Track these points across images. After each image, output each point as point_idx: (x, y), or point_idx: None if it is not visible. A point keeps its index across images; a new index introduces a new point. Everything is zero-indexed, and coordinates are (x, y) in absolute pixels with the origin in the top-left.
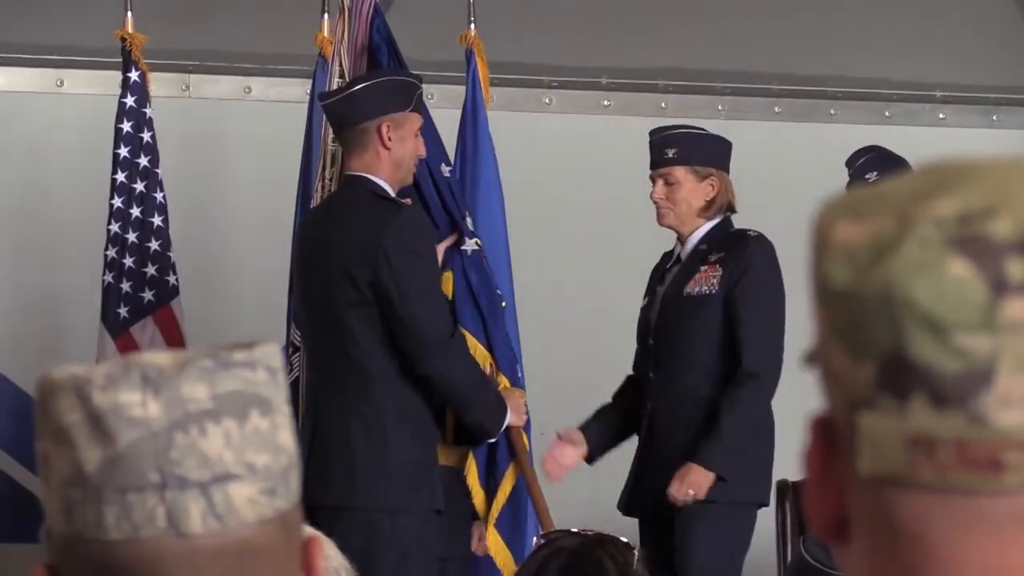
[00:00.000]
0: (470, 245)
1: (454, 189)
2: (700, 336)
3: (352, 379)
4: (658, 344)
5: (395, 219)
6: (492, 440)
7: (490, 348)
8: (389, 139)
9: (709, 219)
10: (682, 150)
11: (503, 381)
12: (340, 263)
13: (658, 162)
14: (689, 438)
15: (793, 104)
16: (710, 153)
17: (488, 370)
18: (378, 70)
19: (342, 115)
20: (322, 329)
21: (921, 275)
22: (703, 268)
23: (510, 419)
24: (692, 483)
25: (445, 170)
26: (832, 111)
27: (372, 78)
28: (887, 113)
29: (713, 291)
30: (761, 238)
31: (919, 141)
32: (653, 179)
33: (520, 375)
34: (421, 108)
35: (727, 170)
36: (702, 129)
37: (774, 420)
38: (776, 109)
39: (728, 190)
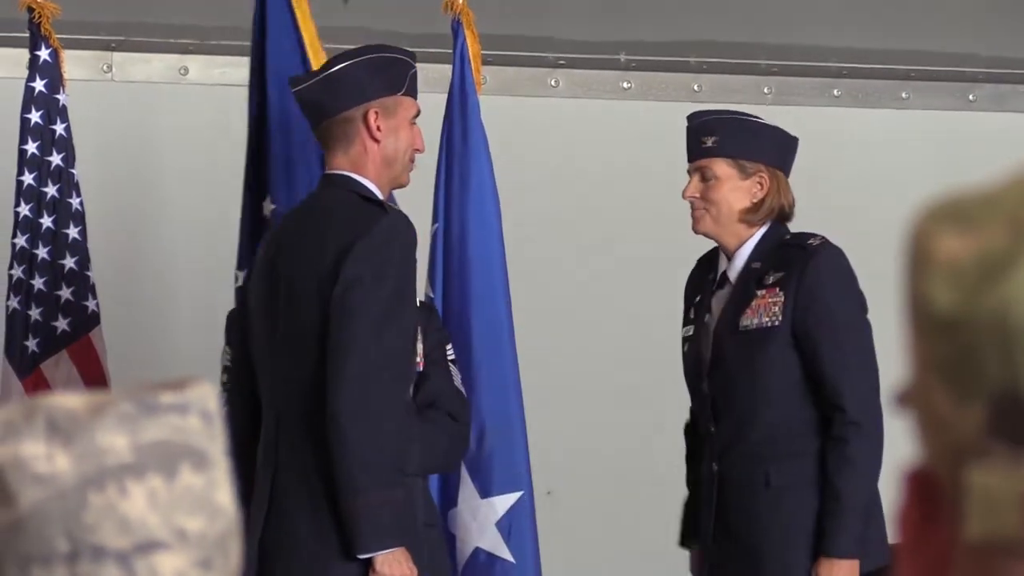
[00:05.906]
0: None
1: None
2: (766, 381)
3: (322, 425)
4: (715, 391)
5: (377, 222)
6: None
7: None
8: (378, 129)
9: (760, 228)
10: (724, 138)
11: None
12: (310, 279)
13: (694, 152)
14: (771, 510)
15: (855, 86)
16: (760, 144)
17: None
18: (362, 46)
19: (320, 103)
20: (287, 362)
21: None
22: (760, 293)
23: (383, 558)
24: None
25: None
26: (904, 94)
27: (354, 56)
28: (972, 96)
29: (776, 322)
30: (825, 246)
31: (1011, 131)
32: (690, 174)
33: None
34: (415, 92)
35: (783, 169)
36: (755, 117)
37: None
38: (835, 92)
39: (782, 193)
